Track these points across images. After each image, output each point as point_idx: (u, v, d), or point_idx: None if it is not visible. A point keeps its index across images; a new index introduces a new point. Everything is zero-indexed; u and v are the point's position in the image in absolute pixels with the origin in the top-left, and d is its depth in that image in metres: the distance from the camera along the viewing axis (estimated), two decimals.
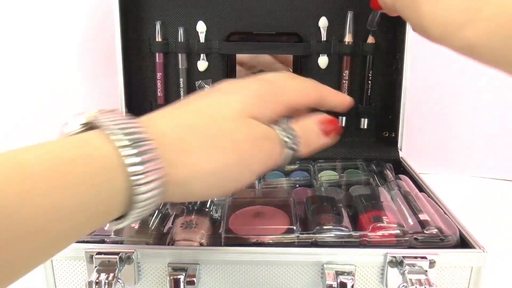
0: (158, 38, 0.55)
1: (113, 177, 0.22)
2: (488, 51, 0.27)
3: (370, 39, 0.54)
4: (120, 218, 0.24)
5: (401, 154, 0.55)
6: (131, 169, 0.22)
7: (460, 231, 0.36)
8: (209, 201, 0.41)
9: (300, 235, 0.35)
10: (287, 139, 0.28)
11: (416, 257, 0.33)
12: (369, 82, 0.56)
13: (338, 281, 0.32)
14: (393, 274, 0.33)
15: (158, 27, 0.55)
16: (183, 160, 0.25)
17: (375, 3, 0.38)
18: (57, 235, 0.21)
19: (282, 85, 0.30)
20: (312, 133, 0.30)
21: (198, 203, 0.40)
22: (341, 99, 0.33)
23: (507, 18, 0.25)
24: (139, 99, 0.57)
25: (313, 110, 0.32)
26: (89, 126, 0.24)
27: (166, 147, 0.24)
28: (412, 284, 0.31)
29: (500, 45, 0.26)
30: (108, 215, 0.23)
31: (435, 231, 0.35)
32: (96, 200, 0.22)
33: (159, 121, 0.26)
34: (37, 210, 0.19)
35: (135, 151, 0.22)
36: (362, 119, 0.57)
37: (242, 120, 0.27)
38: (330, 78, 0.56)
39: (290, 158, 0.30)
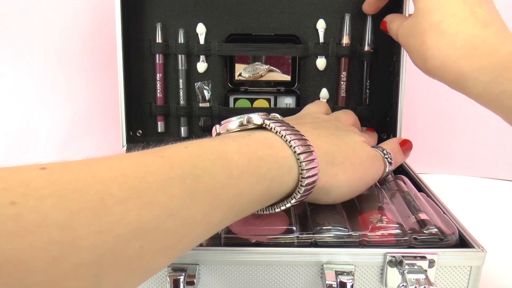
0: (159, 40, 0.55)
1: (289, 175, 0.29)
2: (477, 84, 0.31)
3: (367, 48, 0.54)
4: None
5: None
6: (301, 171, 0.29)
7: (459, 231, 0.36)
8: None
9: (300, 235, 0.35)
10: (386, 157, 0.38)
11: (415, 257, 0.33)
12: (367, 84, 0.56)
13: (338, 281, 0.33)
14: (393, 273, 0.33)
15: (158, 28, 0.55)
16: (331, 171, 0.32)
17: (384, 25, 0.43)
18: (237, 214, 0.27)
19: (357, 125, 0.46)
20: (397, 152, 0.41)
21: None
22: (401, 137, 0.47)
23: (497, 56, 0.30)
24: (139, 99, 0.57)
25: None
26: (246, 126, 0.31)
27: (321, 158, 0.31)
28: (412, 284, 0.31)
29: (487, 79, 0.30)
30: (270, 202, 0.30)
31: (434, 230, 0.35)
32: (273, 190, 0.28)
33: (316, 135, 0.33)
34: (235, 194, 0.25)
35: (303, 157, 0.29)
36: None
37: (364, 145, 0.36)
38: (328, 79, 0.57)
39: (389, 172, 0.40)
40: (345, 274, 0.33)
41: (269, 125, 0.30)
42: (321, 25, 0.55)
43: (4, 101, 0.68)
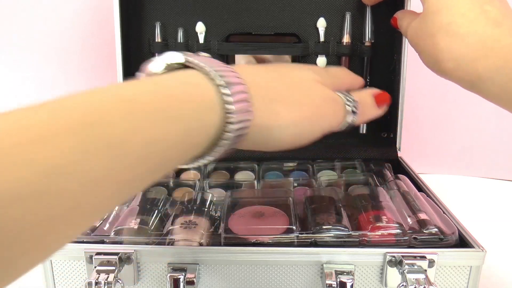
0: (158, 39, 0.55)
1: (212, 113, 0.24)
2: (494, 85, 0.30)
3: (367, 43, 0.54)
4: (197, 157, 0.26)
5: (399, 154, 0.55)
6: (227, 107, 0.25)
7: (459, 231, 0.36)
8: (209, 201, 0.41)
9: (300, 235, 0.35)
10: (349, 103, 0.33)
11: (415, 257, 0.33)
12: (368, 82, 0.56)
13: (338, 280, 0.33)
14: (393, 273, 0.33)
15: (157, 27, 0.55)
16: (269, 107, 0.28)
17: (395, 22, 0.42)
18: (156, 167, 0.22)
19: (332, 70, 0.37)
20: (367, 104, 0.36)
21: (197, 202, 0.40)
22: (359, 80, 0.40)
23: None
24: None
25: None
26: (174, 67, 0.26)
27: (257, 93, 0.27)
28: (412, 284, 0.31)
29: (505, 80, 0.30)
30: (197, 149, 0.25)
31: (434, 230, 0.35)
32: (194, 133, 0.24)
33: (250, 71, 0.29)
34: (145, 141, 0.21)
35: (227, 91, 0.25)
36: (361, 124, 0.57)
37: (316, 83, 0.32)
38: None
39: (349, 123, 0.34)
40: (345, 274, 0.33)
41: (192, 62, 0.26)
42: (321, 23, 0.55)
43: (4, 101, 0.68)
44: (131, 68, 0.56)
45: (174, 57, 0.27)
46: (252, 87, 0.27)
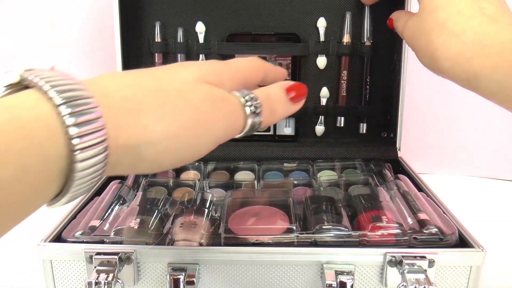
0: (158, 39, 0.55)
1: (51, 142, 0.19)
2: (491, 82, 0.29)
3: (367, 43, 0.54)
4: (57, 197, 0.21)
5: (399, 154, 0.55)
6: (68, 131, 0.19)
7: (459, 231, 0.36)
8: (209, 201, 0.41)
9: (300, 235, 0.35)
10: (246, 102, 0.27)
11: (415, 257, 0.33)
12: (368, 82, 0.56)
13: (338, 280, 0.33)
14: (393, 273, 0.33)
15: (157, 27, 0.55)
16: (132, 121, 0.22)
17: (391, 23, 0.41)
18: None
19: (235, 63, 0.30)
20: (278, 100, 0.30)
21: (197, 202, 0.40)
22: (281, 72, 0.34)
23: (511, 54, 0.28)
24: None
25: None
26: (20, 87, 0.21)
27: (112, 107, 0.22)
28: (412, 284, 0.31)
29: (502, 77, 0.29)
30: (45, 191, 0.20)
31: (434, 230, 0.35)
32: (33, 171, 0.18)
33: (105, 80, 0.24)
34: None
35: (69, 110, 0.19)
36: (361, 124, 0.57)
37: (198, 84, 0.26)
38: (328, 78, 0.56)
39: (256, 124, 0.28)
40: (345, 273, 0.33)
41: (27, 79, 0.21)
42: (321, 23, 0.55)
43: None
44: (130, 68, 0.56)
45: (9, 77, 0.21)
46: (108, 100, 0.22)
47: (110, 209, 0.40)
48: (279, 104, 0.30)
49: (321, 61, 0.56)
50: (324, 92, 0.57)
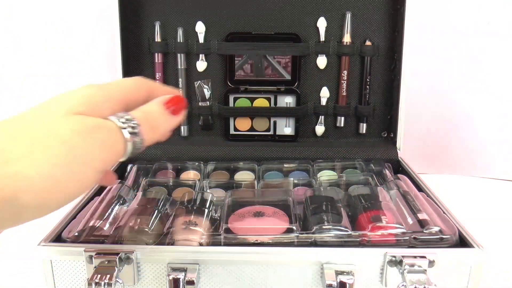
0: (157, 39, 0.55)
1: None
2: None
3: (368, 42, 0.54)
4: None
5: (399, 154, 0.55)
6: None
7: (459, 231, 0.36)
8: (209, 201, 0.41)
9: (300, 235, 0.35)
10: (122, 124, 0.27)
11: (415, 257, 0.33)
12: (368, 82, 0.56)
13: (338, 280, 0.32)
14: (393, 273, 0.33)
15: (157, 27, 0.55)
16: (3, 172, 0.22)
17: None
18: None
19: (113, 84, 0.30)
20: (157, 116, 0.30)
21: (197, 202, 0.40)
22: (171, 91, 0.33)
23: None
24: None
25: None
26: None
27: None
28: (412, 284, 0.31)
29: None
30: None
31: (434, 230, 0.35)
32: None
33: None
34: None
35: None
36: (361, 124, 0.57)
37: (68, 116, 0.25)
38: (328, 78, 0.56)
39: (138, 144, 0.28)
40: (345, 274, 0.33)
41: None
42: (321, 23, 0.55)
43: (5, 100, 0.67)
44: (130, 67, 0.56)
45: None
46: None
47: (110, 209, 0.40)
48: (160, 119, 0.30)
49: (321, 61, 0.56)
50: (324, 92, 0.57)
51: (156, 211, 0.39)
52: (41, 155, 0.23)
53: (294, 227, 0.36)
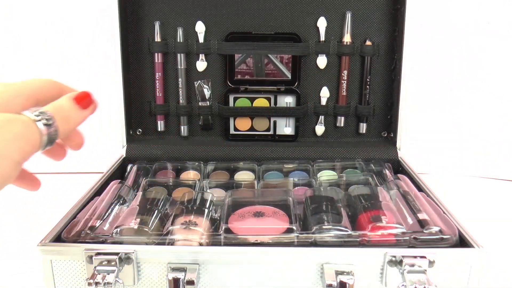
0: (157, 38, 0.55)
1: None
2: None
3: (368, 42, 0.54)
4: None
5: (399, 154, 0.55)
6: None
7: (459, 231, 0.36)
8: (209, 201, 0.41)
9: (300, 235, 0.35)
10: (36, 117, 0.29)
11: (415, 257, 0.33)
12: (368, 82, 0.56)
13: (338, 280, 0.33)
14: (393, 273, 0.33)
15: (157, 27, 0.55)
16: None
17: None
18: None
19: (22, 82, 0.33)
20: (68, 109, 0.32)
21: (197, 202, 0.40)
22: (78, 91, 0.36)
23: None
24: (138, 98, 0.57)
25: None
26: None
27: None
28: (412, 284, 0.31)
29: None
30: None
31: (434, 230, 0.35)
32: None
33: None
34: None
35: None
36: (361, 124, 0.57)
37: None
38: (329, 78, 0.56)
39: (53, 135, 0.30)
40: (345, 274, 0.33)
41: None
42: (322, 23, 0.55)
43: None
44: (130, 67, 0.56)
45: None
46: None
47: (110, 209, 0.40)
48: (71, 112, 0.33)
49: (321, 61, 0.56)
50: (324, 92, 0.57)
51: (156, 211, 0.39)
52: None
53: (294, 227, 0.36)
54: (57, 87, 0.35)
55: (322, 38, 0.55)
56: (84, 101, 0.34)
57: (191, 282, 0.33)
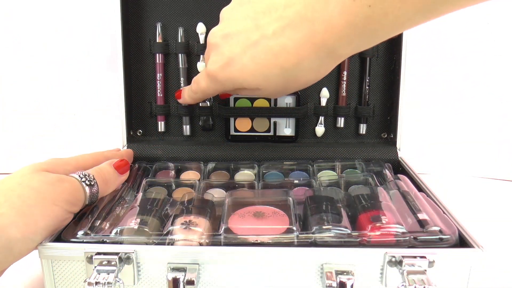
0: (159, 39, 0.55)
1: None
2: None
3: None
4: None
5: (399, 154, 0.55)
6: None
7: (459, 231, 0.36)
8: (209, 201, 0.41)
9: (300, 235, 0.35)
10: (80, 178, 0.38)
11: (415, 257, 0.33)
12: (368, 83, 0.56)
13: (338, 280, 0.33)
14: (393, 273, 0.33)
15: (158, 28, 0.55)
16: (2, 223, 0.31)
17: (179, 95, 0.50)
18: None
19: (71, 157, 0.42)
20: (107, 173, 0.41)
21: (197, 202, 0.40)
22: (120, 156, 0.47)
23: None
24: (139, 99, 0.57)
25: None
26: None
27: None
28: (412, 284, 0.31)
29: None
30: None
31: (434, 230, 0.35)
32: None
33: None
34: None
35: None
36: (361, 125, 0.57)
37: (35, 172, 0.36)
38: (328, 79, 0.56)
39: (94, 194, 0.39)
40: (345, 274, 0.33)
41: None
42: None
43: (8, 100, 0.68)
44: (131, 68, 0.56)
45: None
46: None
47: (110, 209, 0.40)
48: (110, 176, 0.42)
49: None
50: (324, 92, 0.57)
51: (156, 211, 0.39)
52: (16, 199, 0.33)
53: (294, 227, 0.36)
54: (102, 158, 0.44)
55: None
56: (122, 168, 0.43)
57: (191, 282, 0.33)
